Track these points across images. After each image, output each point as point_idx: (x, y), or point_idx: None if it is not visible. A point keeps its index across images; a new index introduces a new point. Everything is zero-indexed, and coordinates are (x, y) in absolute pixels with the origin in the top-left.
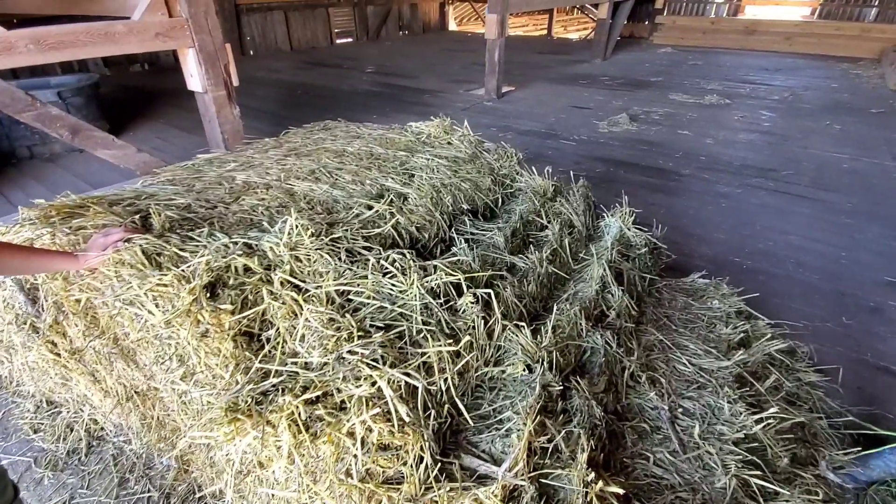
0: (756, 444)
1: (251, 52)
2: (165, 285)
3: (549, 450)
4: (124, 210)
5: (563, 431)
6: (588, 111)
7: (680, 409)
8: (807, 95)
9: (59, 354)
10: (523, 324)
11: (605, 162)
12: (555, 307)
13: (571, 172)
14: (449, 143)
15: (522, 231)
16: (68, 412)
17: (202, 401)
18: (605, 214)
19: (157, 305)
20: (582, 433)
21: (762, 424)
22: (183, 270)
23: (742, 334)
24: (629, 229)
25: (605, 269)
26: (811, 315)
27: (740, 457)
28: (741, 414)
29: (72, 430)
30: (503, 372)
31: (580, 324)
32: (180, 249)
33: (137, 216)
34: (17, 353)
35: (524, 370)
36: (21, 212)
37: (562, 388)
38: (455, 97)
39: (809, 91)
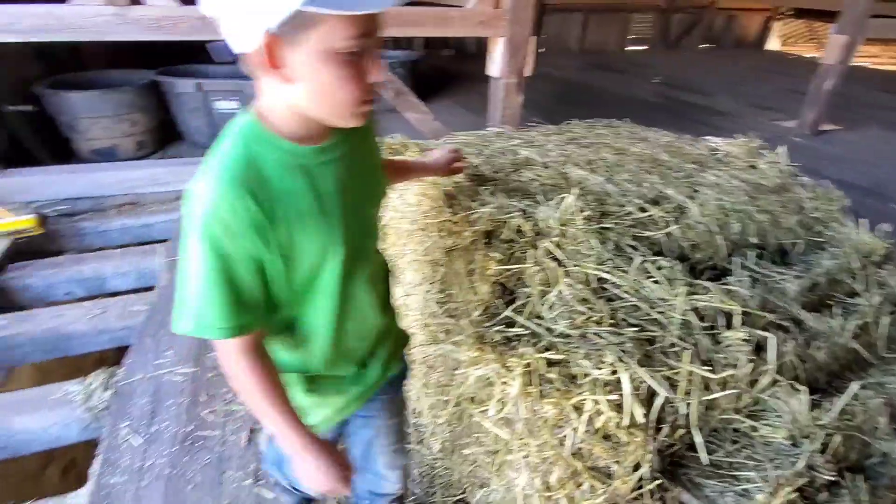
0: None
1: (542, 49)
2: (455, 223)
3: None
4: None
5: None
6: None
7: None
8: None
9: None
10: (804, 388)
11: None
12: (852, 387)
13: None
14: (752, 167)
15: (825, 288)
16: None
17: (448, 324)
18: None
19: (442, 236)
20: None
21: None
22: (469, 214)
23: None
24: None
25: None
26: None
27: None
28: None
29: None
30: (755, 429)
31: (880, 421)
32: (470, 198)
33: None
34: None
35: (785, 438)
36: None
37: (833, 479)
38: (753, 124)
39: None
